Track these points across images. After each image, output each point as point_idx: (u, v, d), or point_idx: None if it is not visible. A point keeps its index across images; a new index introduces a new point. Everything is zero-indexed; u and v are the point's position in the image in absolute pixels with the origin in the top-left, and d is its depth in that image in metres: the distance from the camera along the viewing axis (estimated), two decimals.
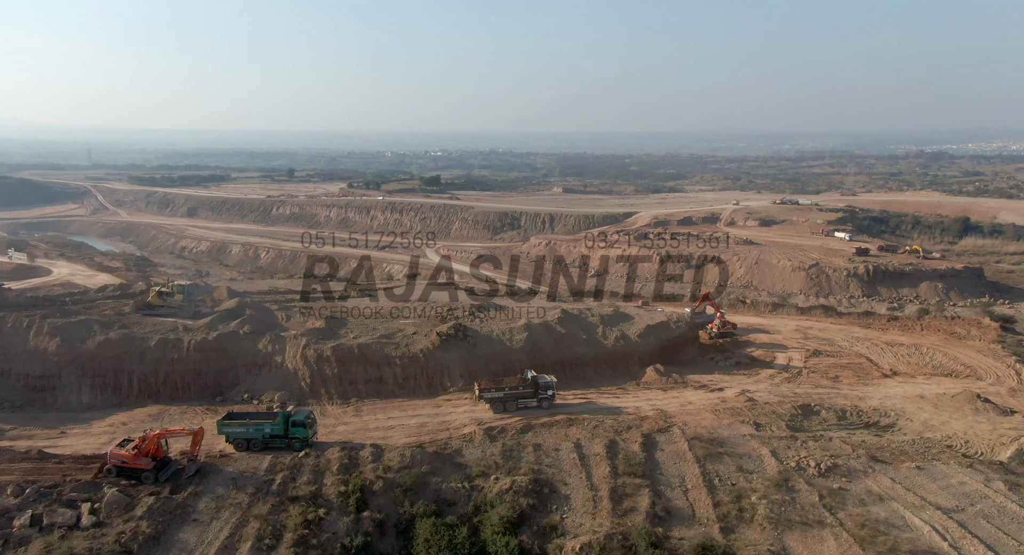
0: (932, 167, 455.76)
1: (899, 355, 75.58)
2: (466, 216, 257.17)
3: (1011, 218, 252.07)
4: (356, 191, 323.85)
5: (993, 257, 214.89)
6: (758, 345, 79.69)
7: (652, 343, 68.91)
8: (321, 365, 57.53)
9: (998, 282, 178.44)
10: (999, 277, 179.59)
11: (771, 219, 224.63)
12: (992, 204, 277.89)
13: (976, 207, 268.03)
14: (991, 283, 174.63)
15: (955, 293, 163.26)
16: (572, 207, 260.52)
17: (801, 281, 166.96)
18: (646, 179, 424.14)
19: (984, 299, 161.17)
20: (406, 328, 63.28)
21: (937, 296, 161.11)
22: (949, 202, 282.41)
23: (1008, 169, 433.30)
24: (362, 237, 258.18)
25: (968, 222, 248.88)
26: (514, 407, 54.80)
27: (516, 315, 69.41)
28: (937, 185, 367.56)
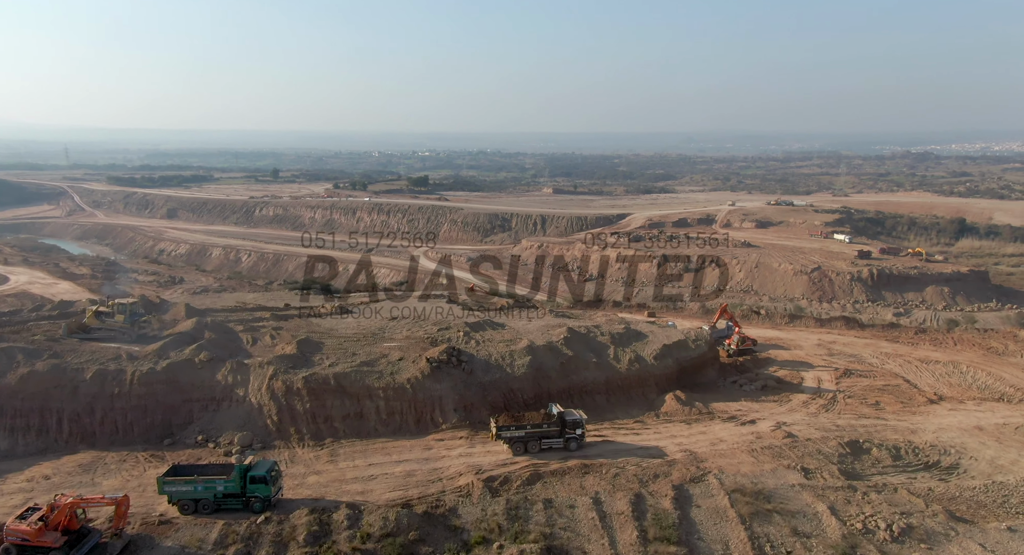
0: (919, 167, 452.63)
1: (938, 375, 67.73)
2: (455, 218, 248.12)
3: (1006, 219, 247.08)
4: (342, 192, 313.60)
5: (991, 259, 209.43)
6: (780, 363, 71.56)
7: (670, 365, 60.48)
8: (290, 399, 48.52)
9: (1001, 286, 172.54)
10: (999, 280, 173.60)
11: (767, 220, 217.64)
12: (985, 205, 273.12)
13: (969, 208, 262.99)
14: (996, 287, 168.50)
15: (961, 297, 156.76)
16: (564, 208, 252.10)
17: (803, 285, 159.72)
18: (636, 180, 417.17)
19: (991, 304, 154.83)
20: (391, 353, 54.35)
21: (943, 301, 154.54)
22: (942, 203, 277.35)
23: (994, 170, 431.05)
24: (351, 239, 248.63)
25: (964, 223, 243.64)
26: (537, 448, 45.99)
27: (517, 334, 60.67)
28: (927, 186, 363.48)
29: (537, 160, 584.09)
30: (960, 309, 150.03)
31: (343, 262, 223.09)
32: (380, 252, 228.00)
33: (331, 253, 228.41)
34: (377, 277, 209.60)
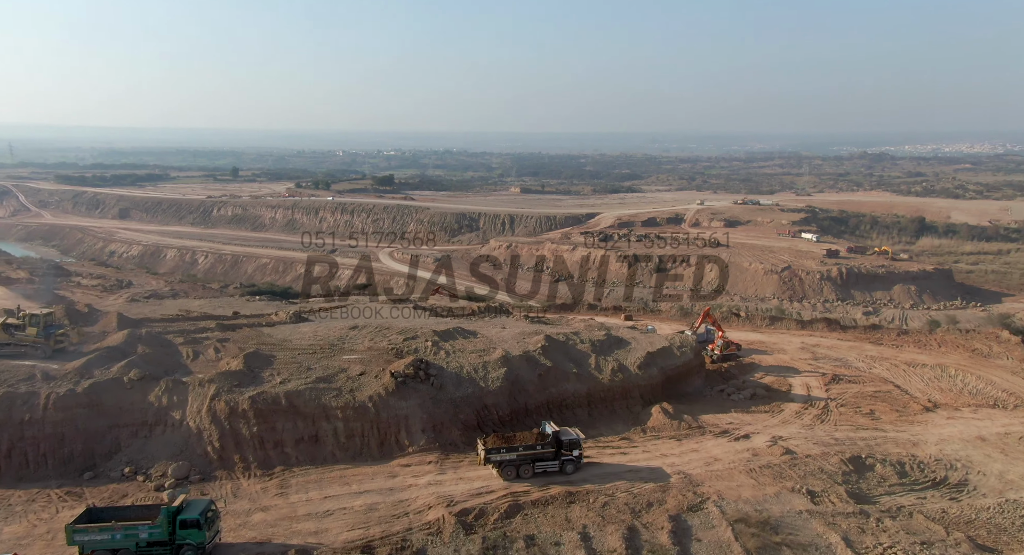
0: (876, 168, 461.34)
1: (927, 379, 64.74)
2: (422, 217, 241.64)
3: (963, 218, 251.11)
4: (304, 191, 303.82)
5: (951, 257, 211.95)
6: (765, 369, 67.79)
7: (655, 375, 55.96)
8: (235, 422, 42.41)
9: (963, 284, 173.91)
10: (960, 277, 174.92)
11: (735, 220, 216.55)
12: (942, 204, 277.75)
13: (928, 207, 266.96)
14: (959, 285, 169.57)
15: (928, 296, 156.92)
16: (532, 208, 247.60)
17: (774, 285, 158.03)
18: (603, 179, 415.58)
19: (956, 302, 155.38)
20: (351, 367, 48.53)
21: (911, 299, 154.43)
22: (902, 202, 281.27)
23: (947, 170, 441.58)
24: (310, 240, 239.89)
25: (924, 222, 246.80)
26: (530, 472, 40.88)
27: (490, 343, 55.38)
28: (884, 185, 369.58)
29: (504, 160, 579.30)
30: (927, 308, 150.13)
31: (303, 264, 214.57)
32: (343, 253, 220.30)
33: (293, 254, 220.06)
34: (340, 279, 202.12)
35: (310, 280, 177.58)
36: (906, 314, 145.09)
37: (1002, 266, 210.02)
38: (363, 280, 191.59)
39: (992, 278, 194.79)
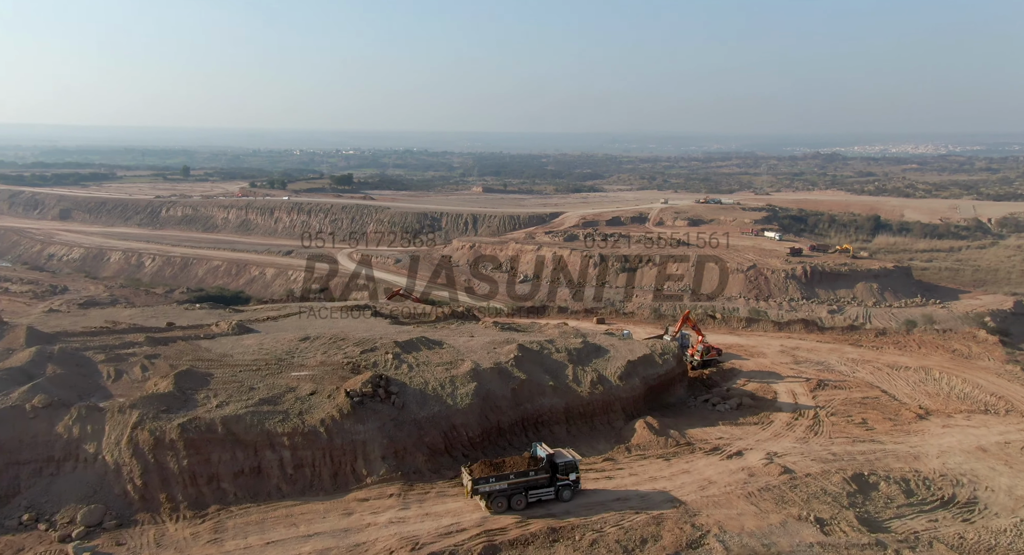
0: (829, 167, 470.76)
1: (912, 383, 61.91)
2: (382, 217, 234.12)
3: (916, 216, 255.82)
4: (259, 191, 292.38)
5: (906, 254, 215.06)
6: (747, 374, 64.07)
7: (636, 386, 51.38)
8: (161, 455, 36.06)
9: (921, 281, 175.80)
10: (916, 275, 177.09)
11: (699, 219, 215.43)
12: (895, 203, 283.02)
13: (881, 206, 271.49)
14: (918, 282, 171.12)
15: (889, 293, 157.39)
16: (495, 207, 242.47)
17: (740, 284, 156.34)
18: (565, 179, 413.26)
19: (916, 299, 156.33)
20: (300, 385, 42.51)
21: (873, 297, 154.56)
22: (857, 201, 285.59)
23: (895, 170, 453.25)
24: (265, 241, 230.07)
25: (879, 220, 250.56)
26: (523, 502, 35.78)
27: (458, 354, 49.91)
28: (838, 184, 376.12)
29: (465, 159, 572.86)
30: (889, 305, 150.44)
31: (259, 266, 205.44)
32: (301, 254, 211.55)
33: (246, 256, 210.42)
34: (296, 282, 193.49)
35: (310, 281, 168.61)
36: (869, 312, 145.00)
37: (954, 263, 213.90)
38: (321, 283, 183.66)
39: (946, 275, 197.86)
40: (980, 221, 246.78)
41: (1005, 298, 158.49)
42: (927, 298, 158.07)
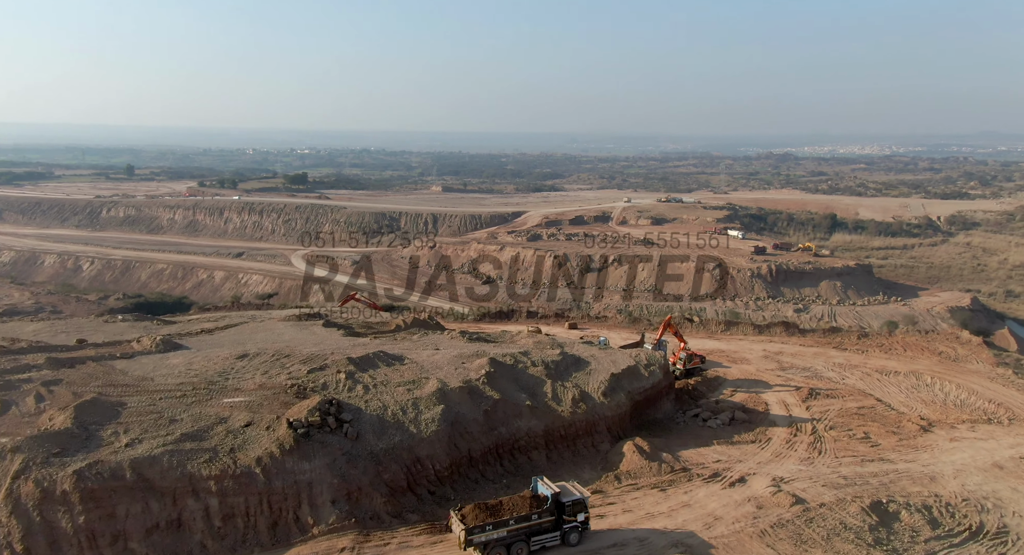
0: (782, 167, 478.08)
1: (905, 389, 58.09)
2: (338, 217, 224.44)
3: (869, 214, 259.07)
4: (208, 190, 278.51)
5: (862, 252, 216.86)
6: (733, 383, 59.32)
7: (622, 402, 45.78)
8: (51, 512, 28.68)
9: (881, 278, 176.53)
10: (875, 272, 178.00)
11: (662, 217, 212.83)
12: (849, 201, 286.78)
13: (836, 204, 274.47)
14: (879, 280, 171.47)
15: (852, 292, 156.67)
16: (455, 207, 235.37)
17: (707, 283, 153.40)
18: (525, 178, 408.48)
19: (879, 296, 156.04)
20: (233, 415, 35.44)
21: (837, 295, 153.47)
22: (812, 200, 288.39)
23: (844, 170, 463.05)
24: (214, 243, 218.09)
25: (835, 219, 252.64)
26: (524, 551, 29.99)
27: (421, 371, 43.38)
28: (793, 184, 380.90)
29: (424, 158, 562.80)
30: (852, 303, 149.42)
31: (207, 269, 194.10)
32: (252, 256, 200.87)
33: (193, 258, 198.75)
34: (247, 286, 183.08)
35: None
36: (835, 310, 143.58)
37: (909, 261, 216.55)
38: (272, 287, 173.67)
39: (902, 272, 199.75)
40: (930, 219, 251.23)
41: (962, 295, 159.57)
42: (888, 296, 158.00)
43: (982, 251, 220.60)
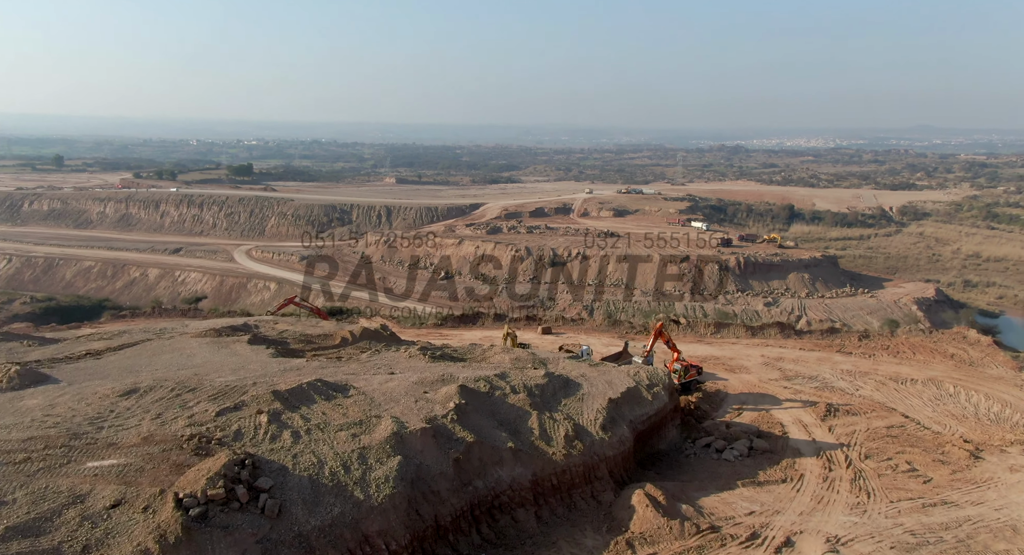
0: (734, 159, 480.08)
1: (928, 401, 50.66)
2: (284, 210, 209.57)
3: (825, 205, 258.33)
4: (144, 182, 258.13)
5: (821, 243, 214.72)
6: (737, 398, 50.86)
7: (624, 437, 36.36)
8: None
9: (845, 270, 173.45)
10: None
11: (624, 209, 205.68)
12: (803, 192, 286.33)
13: (792, 195, 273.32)
14: (844, 271, 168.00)
15: (820, 284, 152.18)
16: (410, 199, 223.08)
17: (674, 277, 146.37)
18: (481, 170, 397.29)
19: (846, 288, 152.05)
20: (95, 491, 24.47)
21: (805, 288, 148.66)
22: (768, 191, 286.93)
23: (794, 161, 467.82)
24: (149, 238, 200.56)
25: (793, 210, 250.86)
26: None
27: (371, 407, 32.96)
28: (746, 175, 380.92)
29: (377, 150, 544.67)
30: (821, 296, 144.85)
31: (140, 266, 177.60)
32: (191, 252, 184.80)
33: (125, 255, 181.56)
34: (184, 284, 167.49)
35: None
36: (804, 303, 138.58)
37: (866, 251, 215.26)
38: (210, 287, 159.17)
39: (861, 262, 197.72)
40: (884, 210, 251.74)
41: (926, 285, 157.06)
42: (855, 287, 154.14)
43: (935, 241, 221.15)
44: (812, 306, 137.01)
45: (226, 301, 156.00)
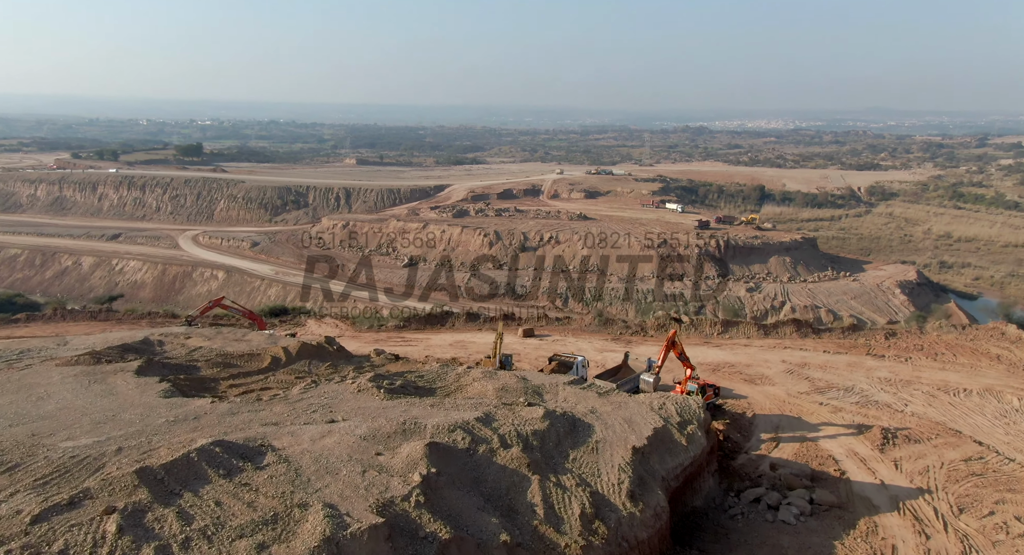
0: (699, 140, 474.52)
1: (995, 419, 41.52)
2: (235, 193, 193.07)
3: (795, 186, 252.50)
4: (82, 162, 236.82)
5: (793, 224, 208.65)
6: (766, 421, 40.86)
7: (660, 506, 25.68)
8: None
9: (825, 252, 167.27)
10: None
11: (595, 190, 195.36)
12: (772, 173, 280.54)
13: (761, 176, 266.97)
14: (824, 254, 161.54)
15: (802, 267, 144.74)
16: (371, 180, 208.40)
17: (653, 262, 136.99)
18: (445, 151, 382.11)
19: (828, 272, 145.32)
20: None
21: (787, 272, 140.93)
22: (737, 172, 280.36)
23: (757, 142, 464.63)
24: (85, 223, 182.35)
25: (763, 191, 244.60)
26: None
27: (293, 487, 21.57)
28: (712, 156, 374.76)
29: (337, 130, 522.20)
30: (803, 280, 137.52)
31: (73, 254, 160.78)
32: (131, 238, 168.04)
33: (57, 242, 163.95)
34: (123, 273, 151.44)
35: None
36: (787, 288, 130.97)
37: (839, 232, 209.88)
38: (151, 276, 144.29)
39: (835, 245, 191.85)
40: (852, 190, 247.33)
41: (906, 268, 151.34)
42: (837, 270, 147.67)
43: (904, 221, 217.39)
44: (795, 291, 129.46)
45: (169, 292, 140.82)
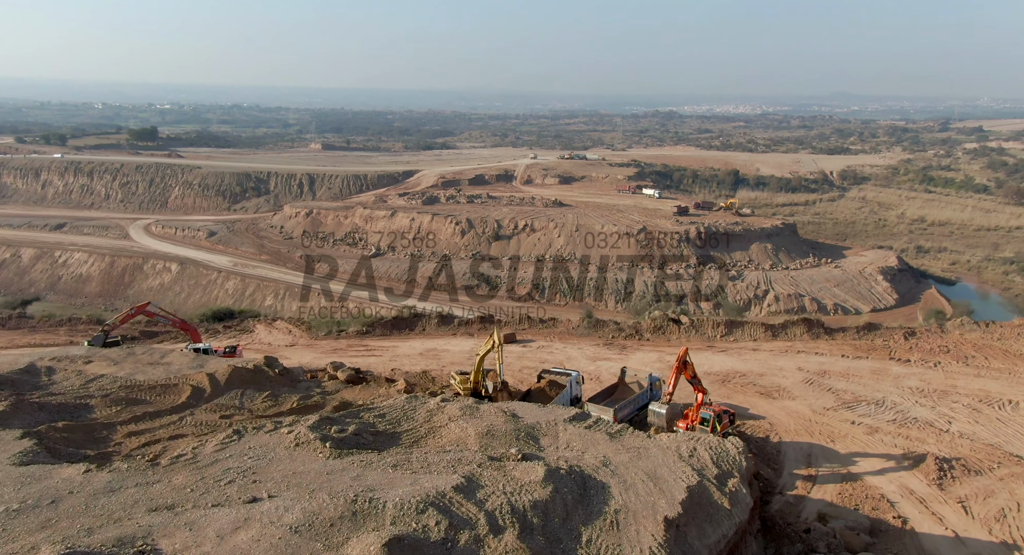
0: (669, 124, 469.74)
1: None
2: (191, 179, 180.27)
3: (768, 170, 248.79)
4: (25, 147, 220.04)
5: (768, 209, 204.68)
6: (796, 451, 34.12)
7: None
8: None
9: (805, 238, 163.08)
10: None
11: (569, 176, 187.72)
12: (744, 158, 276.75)
13: (734, 160, 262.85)
14: (805, 240, 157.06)
15: (783, 253, 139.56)
16: (336, 166, 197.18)
17: (632, 250, 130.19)
18: (414, 136, 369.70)
19: (809, 258, 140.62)
20: None
21: (769, 258, 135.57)
22: (711, 157, 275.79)
23: (727, 127, 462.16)
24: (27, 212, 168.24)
25: (738, 175, 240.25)
26: None
27: None
28: (684, 141, 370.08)
29: (302, 115, 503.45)
30: (785, 267, 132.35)
31: (12, 245, 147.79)
32: (77, 228, 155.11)
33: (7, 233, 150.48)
34: (67, 266, 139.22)
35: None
36: (769, 276, 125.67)
37: (814, 217, 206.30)
38: (98, 269, 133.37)
39: (811, 230, 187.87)
40: (825, 174, 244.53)
41: (886, 254, 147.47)
42: (818, 257, 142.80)
43: (878, 205, 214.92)
44: (778, 279, 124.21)
45: (117, 286, 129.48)
